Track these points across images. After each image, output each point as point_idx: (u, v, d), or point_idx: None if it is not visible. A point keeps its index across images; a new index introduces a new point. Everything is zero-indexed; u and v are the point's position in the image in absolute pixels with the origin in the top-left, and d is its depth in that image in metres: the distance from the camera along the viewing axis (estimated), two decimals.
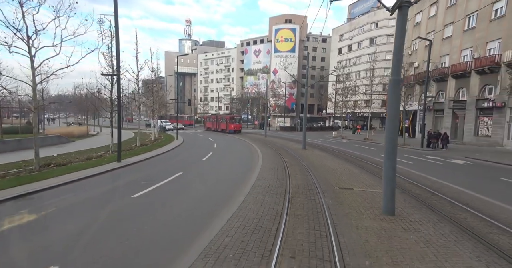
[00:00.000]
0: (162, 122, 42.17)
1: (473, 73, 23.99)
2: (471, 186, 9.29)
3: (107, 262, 4.16)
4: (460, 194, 8.27)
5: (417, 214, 6.17)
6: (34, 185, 8.36)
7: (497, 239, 4.96)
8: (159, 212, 6.63)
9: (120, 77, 12.52)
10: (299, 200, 7.09)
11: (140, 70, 19.71)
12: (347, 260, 4.06)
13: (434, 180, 10.14)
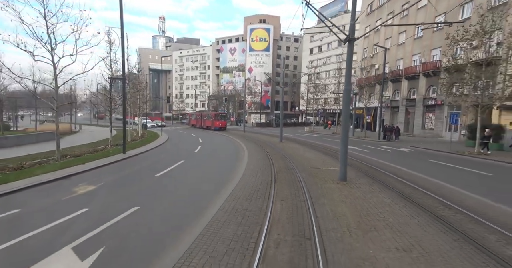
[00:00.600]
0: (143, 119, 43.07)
1: (421, 76, 28.37)
2: (405, 165, 12.66)
3: (167, 204, 6.62)
4: (395, 169, 11.54)
5: (361, 180, 9.20)
6: (68, 170, 10.32)
7: (408, 190, 8.07)
8: (184, 182, 9.08)
9: (125, 81, 14.46)
10: (282, 175, 9.87)
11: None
12: (314, 200, 6.88)
13: (380, 162, 13.44)
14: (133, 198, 7.33)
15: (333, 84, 51.61)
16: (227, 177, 9.84)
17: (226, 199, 6.87)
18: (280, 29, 77.13)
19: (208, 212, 6.01)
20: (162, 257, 4.18)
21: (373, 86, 35.98)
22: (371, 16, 39.39)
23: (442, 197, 7.30)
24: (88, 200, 7.01)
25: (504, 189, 8.90)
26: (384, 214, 5.97)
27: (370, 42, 38.26)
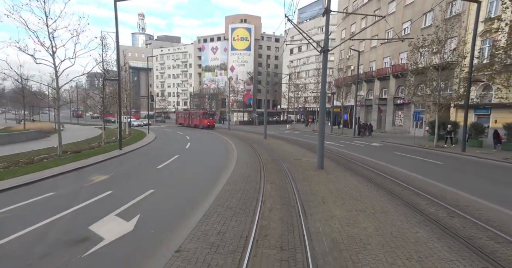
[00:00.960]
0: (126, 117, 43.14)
1: (391, 77, 31.05)
2: (374, 156, 14.70)
3: (177, 188, 8.03)
4: (364, 160, 13.51)
5: (335, 169, 11.02)
6: (75, 164, 11.36)
7: (371, 175, 9.95)
8: (185, 171, 10.46)
9: (120, 82, 15.47)
10: (269, 165, 11.49)
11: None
12: (297, 182, 8.54)
13: (353, 154, 15.42)
14: (145, 184, 8.66)
15: (312, 83, 54.22)
16: (221, 168, 11.32)
17: (226, 183, 8.39)
18: (261, 29, 78.76)
19: (213, 192, 7.50)
20: (186, 218, 5.66)
21: (349, 86, 38.53)
22: (347, 19, 41.89)
23: (396, 179, 9.23)
24: (107, 186, 8.27)
25: (446, 173, 11.04)
26: (350, 191, 7.74)
27: (346, 45, 40.80)
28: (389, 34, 32.14)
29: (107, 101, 18.52)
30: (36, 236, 4.89)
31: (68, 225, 5.40)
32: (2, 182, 8.24)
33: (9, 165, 10.48)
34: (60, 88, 13.08)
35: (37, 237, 4.85)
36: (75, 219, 5.70)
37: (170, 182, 9.07)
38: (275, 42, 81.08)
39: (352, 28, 40.46)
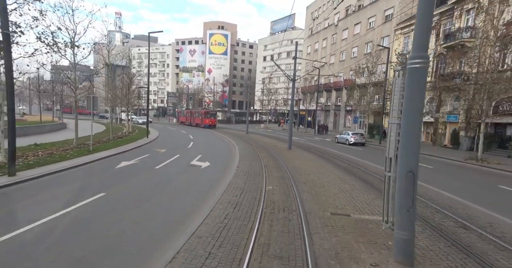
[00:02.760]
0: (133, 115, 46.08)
1: (343, 89, 39.68)
2: (323, 145, 22.38)
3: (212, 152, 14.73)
4: (317, 146, 21.10)
5: (298, 149, 18.35)
6: (133, 144, 17.29)
7: (319, 153, 17.46)
8: (206, 146, 17.06)
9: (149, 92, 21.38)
10: (259, 149, 18.48)
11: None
12: (277, 155, 15.66)
13: (310, 144, 23.01)
14: (194, 152, 15.10)
15: (282, 88, 62.37)
16: (230, 148, 18.06)
17: (239, 154, 15.25)
18: (236, 36, 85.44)
19: (235, 155, 14.31)
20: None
21: (312, 93, 46.88)
22: (311, 38, 50.33)
23: (333, 155, 16.80)
24: (172, 153, 14.64)
25: (358, 152, 18.93)
26: (305, 157, 15.02)
27: (311, 58, 49.17)
28: (342, 55, 40.84)
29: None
30: (168, 167, 11.31)
31: (178, 163, 11.90)
32: (115, 149, 14.32)
33: (96, 142, 16.22)
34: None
35: (168, 168, 11.28)
36: (178, 161, 12.19)
37: (207, 149, 15.66)
38: (250, 48, 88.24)
39: (316, 46, 48.91)
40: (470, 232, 5.53)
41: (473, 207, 7.33)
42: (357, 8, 38.76)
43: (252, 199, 7.24)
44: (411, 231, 4.03)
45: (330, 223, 5.69)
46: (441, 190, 8.93)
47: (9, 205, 6.57)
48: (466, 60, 19.09)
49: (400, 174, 4.06)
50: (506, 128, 19.33)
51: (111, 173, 10.16)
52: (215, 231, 5.08)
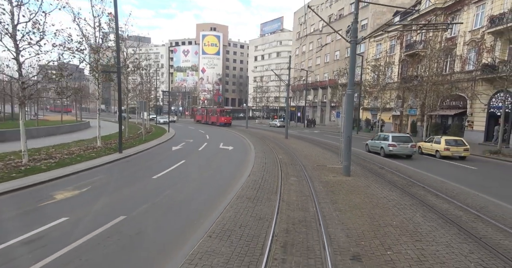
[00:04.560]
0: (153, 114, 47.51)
1: (328, 87, 45.47)
2: (313, 135, 28.04)
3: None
4: (307, 136, 26.71)
5: (293, 139, 23.88)
6: (152, 143, 22.33)
7: (310, 141, 23.06)
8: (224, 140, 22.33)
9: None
10: (262, 141, 23.90)
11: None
12: (280, 143, 21.13)
13: (302, 135, 28.62)
14: (214, 142, 20.31)
15: (274, 86, 67.82)
16: (238, 138, 23.35)
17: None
18: (228, 36, 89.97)
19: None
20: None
21: (302, 91, 52.51)
22: (299, 41, 55.81)
23: (317, 141, 22.41)
24: (199, 144, 19.82)
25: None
26: (299, 143, 20.54)
27: (299, 60, 54.72)
28: (327, 57, 46.56)
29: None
30: (206, 149, 16.51)
31: (210, 147, 17.13)
32: (156, 140, 19.35)
33: (131, 137, 21.14)
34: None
35: (207, 149, 16.48)
36: (210, 146, 17.41)
37: (223, 139, 20.88)
38: (241, 48, 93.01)
39: (303, 48, 54.46)
40: (381, 168, 11.16)
41: (400, 164, 13.00)
42: (338, 16, 44.42)
43: (273, 162, 12.65)
44: (348, 162, 9.58)
45: (316, 168, 11.19)
46: (376, 155, 14.64)
47: (135, 166, 11.70)
48: (421, 66, 25.07)
49: (344, 138, 9.59)
50: (448, 118, 25.45)
51: (173, 152, 15.36)
52: (259, 175, 10.49)
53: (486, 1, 21.02)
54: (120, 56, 14.90)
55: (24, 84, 10.12)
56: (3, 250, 4.40)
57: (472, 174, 11.28)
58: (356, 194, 7.68)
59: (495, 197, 7.76)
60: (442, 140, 15.16)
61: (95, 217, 5.85)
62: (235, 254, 4.27)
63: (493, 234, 5.26)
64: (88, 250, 4.45)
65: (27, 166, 9.92)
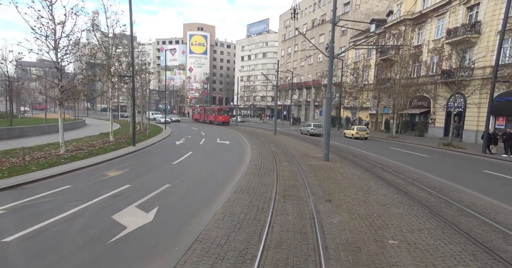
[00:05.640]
0: (153, 113, 47.91)
1: (312, 87, 48.62)
2: (299, 132, 30.91)
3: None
4: (293, 132, 29.55)
5: (281, 134, 26.60)
6: (156, 138, 24.43)
7: (295, 136, 25.87)
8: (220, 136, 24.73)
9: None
10: (254, 135, 26.49)
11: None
12: (270, 138, 23.80)
13: (288, 132, 31.43)
14: (211, 137, 22.66)
15: (260, 85, 70.44)
16: (232, 134, 25.82)
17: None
18: (215, 36, 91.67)
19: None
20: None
21: (287, 91, 55.47)
22: (285, 43, 58.71)
23: (302, 137, 25.25)
24: (198, 139, 22.14)
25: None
26: (287, 138, 23.27)
27: (285, 61, 57.59)
28: (311, 59, 49.69)
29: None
30: (206, 143, 18.89)
31: (209, 142, 19.51)
32: (157, 136, 21.48)
33: (139, 133, 23.14)
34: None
35: (207, 144, 18.86)
36: (209, 141, 19.79)
37: (219, 135, 23.27)
38: (227, 48, 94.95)
39: (288, 50, 57.39)
40: (354, 157, 14.04)
41: (369, 154, 15.96)
42: (321, 21, 47.59)
43: (267, 152, 15.26)
44: (328, 150, 12.36)
45: (302, 156, 13.91)
46: (352, 147, 17.62)
47: (152, 156, 13.97)
48: (393, 69, 28.43)
49: (325, 132, 12.35)
50: (415, 116, 29.01)
51: (178, 146, 17.65)
52: (258, 161, 13.08)
53: (445, 16, 24.51)
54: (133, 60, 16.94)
55: (62, 88, 12.19)
56: (106, 198, 6.80)
57: (422, 160, 14.35)
58: (331, 172, 10.42)
59: (429, 173, 10.74)
60: (355, 128, 25.08)
61: (149, 185, 8.25)
62: (254, 199, 6.86)
63: (417, 191, 8.13)
64: (158, 199, 6.88)
65: (65, 155, 12.01)
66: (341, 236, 4.95)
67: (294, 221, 5.56)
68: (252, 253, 4.24)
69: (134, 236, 4.92)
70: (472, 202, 7.12)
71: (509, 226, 5.64)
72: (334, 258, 4.20)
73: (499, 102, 19.18)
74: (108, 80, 17.23)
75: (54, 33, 11.69)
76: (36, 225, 5.22)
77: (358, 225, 5.46)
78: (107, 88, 18.77)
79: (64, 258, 4.18)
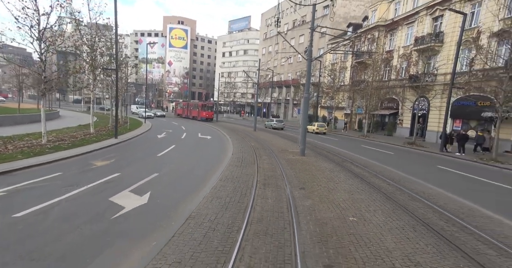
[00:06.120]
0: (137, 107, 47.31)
1: (292, 86, 50.00)
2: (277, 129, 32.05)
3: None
4: (272, 130, 30.61)
5: (260, 131, 27.55)
6: (138, 130, 24.51)
7: (275, 133, 26.92)
8: (202, 131, 25.20)
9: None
10: (235, 131, 27.21)
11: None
12: (249, 134, 24.65)
13: (267, 128, 32.46)
14: (192, 132, 23.11)
15: (241, 82, 70.93)
16: (213, 130, 26.38)
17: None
18: (195, 31, 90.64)
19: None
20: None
21: (267, 89, 56.52)
22: (266, 41, 59.62)
23: (285, 135, 26.36)
24: (180, 133, 22.52)
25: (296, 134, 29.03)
26: (266, 134, 24.23)
27: (265, 59, 58.51)
28: (291, 59, 51.00)
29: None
30: (188, 138, 19.39)
31: (191, 136, 20.01)
32: (138, 129, 21.59)
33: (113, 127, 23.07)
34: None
35: (189, 138, 19.37)
36: (190, 136, 20.28)
37: (200, 130, 23.75)
38: (208, 43, 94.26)
39: (269, 48, 58.39)
40: (328, 152, 15.26)
41: (342, 150, 17.28)
42: (301, 22, 48.96)
43: (248, 147, 16.10)
44: (304, 146, 13.44)
45: (281, 151, 14.90)
46: (326, 144, 18.94)
47: (136, 148, 14.33)
48: (366, 72, 30.23)
49: (301, 129, 13.39)
50: (385, 117, 31.14)
51: (160, 139, 18.02)
52: (240, 155, 13.89)
53: (414, 24, 26.53)
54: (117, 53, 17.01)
55: (45, 79, 12.24)
56: (99, 184, 7.31)
57: (388, 157, 15.87)
58: (307, 165, 11.47)
59: (391, 167, 12.13)
60: (315, 124, 28.86)
61: (138, 173, 8.80)
62: (237, 186, 7.69)
63: (378, 182, 9.35)
64: (149, 185, 7.50)
65: (48, 145, 12.12)
66: (311, 215, 5.91)
67: (273, 204, 6.46)
68: (238, 226, 5.08)
69: (134, 214, 5.58)
70: (421, 191, 8.42)
71: (444, 207, 6.92)
72: (305, 229, 5.14)
73: (457, 106, 21.33)
74: (91, 72, 17.18)
75: (38, 24, 11.72)
76: (41, 204, 5.72)
77: (326, 207, 6.46)
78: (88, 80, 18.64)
79: (78, 227, 4.81)
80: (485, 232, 5.43)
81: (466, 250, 4.59)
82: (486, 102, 18.51)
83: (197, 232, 4.73)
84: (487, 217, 6.45)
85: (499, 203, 7.74)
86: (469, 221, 6.00)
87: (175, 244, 4.30)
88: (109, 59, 20.26)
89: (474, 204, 7.33)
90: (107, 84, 29.95)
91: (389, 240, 4.90)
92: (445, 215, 6.32)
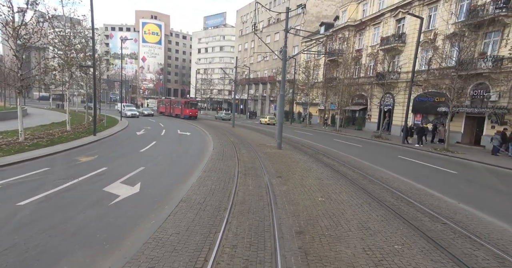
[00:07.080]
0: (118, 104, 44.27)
1: (268, 83, 51.06)
2: (253, 125, 32.93)
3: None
4: (249, 126, 31.49)
5: (239, 127, 28.33)
6: (114, 128, 24.38)
7: (253, 129, 27.80)
8: (181, 128, 25.49)
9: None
10: (214, 128, 27.75)
11: None
12: (228, 131, 25.32)
13: (245, 124, 33.28)
14: (172, 129, 23.36)
15: (217, 79, 70.97)
16: (192, 126, 26.77)
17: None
18: (169, 26, 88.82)
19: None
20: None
21: (244, 85, 57.20)
22: (242, 38, 60.11)
23: (257, 129, 27.32)
24: (159, 131, 22.74)
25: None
26: (244, 130, 25.06)
27: (242, 56, 59.07)
28: (267, 56, 51.99)
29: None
30: (168, 134, 19.74)
31: (171, 133, 20.37)
32: (116, 127, 21.52)
33: (89, 125, 22.81)
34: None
35: (169, 134, 19.73)
36: (170, 132, 20.63)
37: (179, 126, 24.08)
38: (183, 39, 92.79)
39: (245, 45, 58.98)
40: (303, 146, 16.43)
41: (316, 144, 18.53)
42: (276, 20, 50.02)
43: (228, 142, 16.85)
44: (280, 140, 14.46)
45: (259, 145, 15.82)
46: (302, 138, 20.20)
47: (117, 145, 14.57)
48: (338, 70, 31.90)
49: (278, 124, 14.39)
50: (356, 112, 33.15)
51: (140, 136, 18.26)
52: (220, 149, 14.63)
53: (380, 25, 28.46)
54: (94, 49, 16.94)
55: (22, 76, 12.18)
56: (90, 177, 7.78)
57: (356, 149, 17.36)
58: (283, 157, 12.48)
59: (358, 158, 13.49)
60: (267, 117, 36.35)
61: (125, 167, 9.29)
62: (221, 176, 8.49)
63: (345, 170, 10.57)
64: (139, 177, 8.08)
65: (27, 143, 12.12)
66: (287, 197, 6.87)
67: (253, 189, 7.34)
68: (225, 207, 5.91)
69: (129, 200, 6.21)
70: (380, 176, 9.72)
71: (398, 188, 8.20)
72: (281, 208, 6.08)
73: (417, 101, 23.44)
74: (67, 69, 16.98)
75: (13, 21, 11.64)
76: (40, 194, 6.18)
77: (299, 191, 7.46)
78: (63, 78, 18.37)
79: (82, 211, 5.39)
80: (424, 205, 6.69)
81: (407, 218, 5.78)
82: (442, 98, 20.61)
83: (190, 212, 5.50)
84: (430, 195, 7.78)
85: (442, 185, 9.20)
86: (414, 198, 7.27)
87: (172, 221, 5.05)
88: (83, 55, 19.99)
89: (422, 186, 8.70)
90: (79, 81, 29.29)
91: (349, 213, 5.97)
92: (396, 194, 7.56)
